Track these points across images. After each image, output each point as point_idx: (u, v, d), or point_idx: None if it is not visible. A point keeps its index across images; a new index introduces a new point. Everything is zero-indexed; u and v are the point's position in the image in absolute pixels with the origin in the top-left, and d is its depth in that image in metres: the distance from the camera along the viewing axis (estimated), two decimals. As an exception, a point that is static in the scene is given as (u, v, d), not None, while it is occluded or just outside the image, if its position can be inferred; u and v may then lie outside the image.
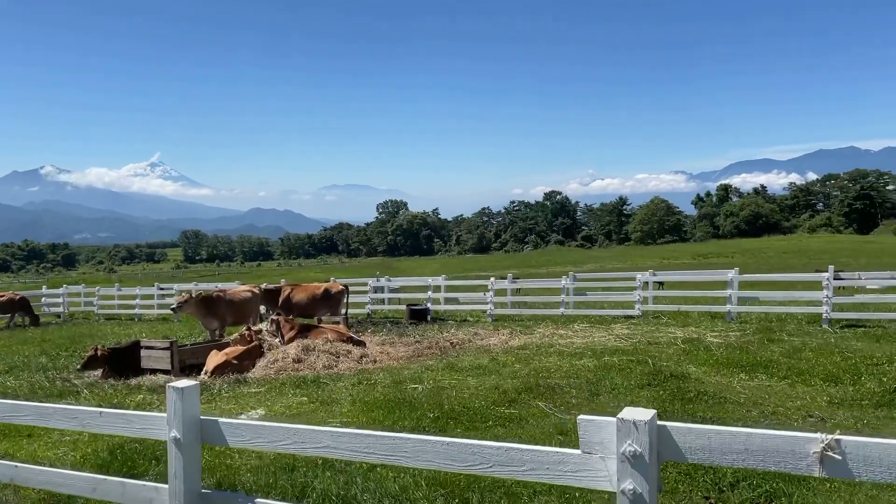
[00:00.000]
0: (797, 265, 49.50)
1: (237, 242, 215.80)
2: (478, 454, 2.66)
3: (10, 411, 4.04)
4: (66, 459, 6.65)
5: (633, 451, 2.24)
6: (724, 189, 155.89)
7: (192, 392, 3.34)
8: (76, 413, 3.82)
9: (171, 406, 3.32)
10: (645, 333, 14.31)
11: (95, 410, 3.74)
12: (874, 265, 36.67)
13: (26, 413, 3.98)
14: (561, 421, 7.77)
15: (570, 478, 2.45)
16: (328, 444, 3.01)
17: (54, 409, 3.89)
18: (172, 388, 3.32)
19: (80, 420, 3.78)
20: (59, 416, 3.86)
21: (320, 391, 10.07)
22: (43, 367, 13.94)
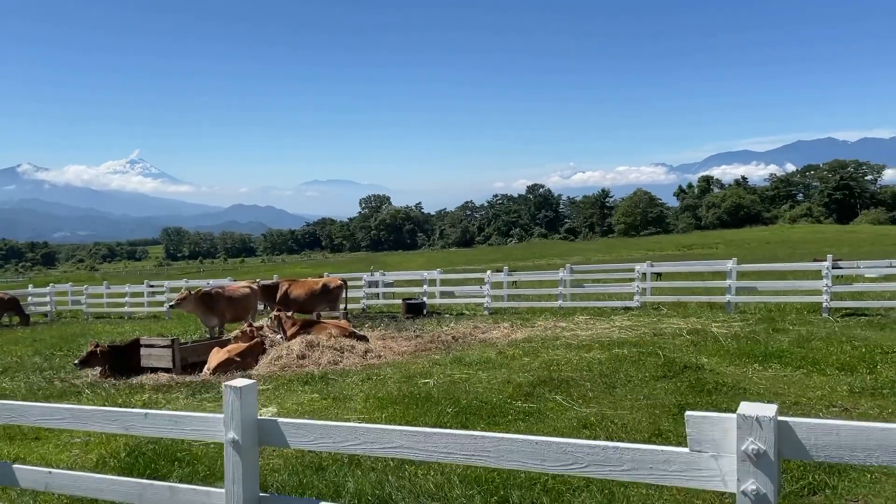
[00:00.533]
0: (782, 255, 49.95)
1: (219, 239, 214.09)
2: (571, 453, 2.53)
3: (44, 415, 3.85)
4: (82, 462, 6.45)
5: (757, 450, 2.12)
6: (705, 180, 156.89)
7: (249, 392, 3.18)
8: (117, 415, 3.64)
9: (228, 406, 3.16)
10: (648, 325, 14.29)
11: (139, 412, 3.56)
12: (857, 254, 37.05)
13: (61, 416, 3.80)
14: (582, 414, 7.68)
15: (676, 478, 2.33)
16: (401, 444, 2.87)
17: (92, 412, 3.70)
18: (230, 388, 3.16)
19: (122, 422, 3.60)
20: (98, 419, 3.67)
21: (330, 387, 9.91)
22: (38, 367, 13.65)
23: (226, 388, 3.17)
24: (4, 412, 4.00)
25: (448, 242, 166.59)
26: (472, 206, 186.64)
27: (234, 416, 3.13)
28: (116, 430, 3.65)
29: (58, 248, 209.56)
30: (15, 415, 3.98)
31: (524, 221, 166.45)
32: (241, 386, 3.14)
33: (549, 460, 2.57)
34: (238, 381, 3.20)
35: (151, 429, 3.54)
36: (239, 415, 3.12)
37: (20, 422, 3.97)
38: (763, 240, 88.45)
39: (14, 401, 3.97)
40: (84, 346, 16.20)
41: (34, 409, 3.91)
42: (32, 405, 3.93)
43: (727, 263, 17.11)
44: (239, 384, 3.16)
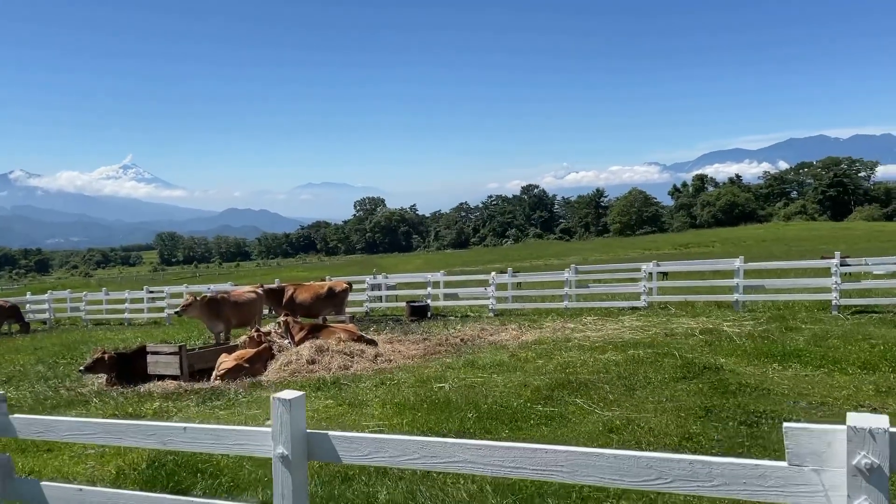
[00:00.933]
0: (778, 253, 49.99)
1: (214, 243, 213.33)
2: (654, 468, 2.39)
3: (73, 429, 3.69)
4: (100, 475, 6.28)
5: (870, 464, 1.99)
6: (700, 179, 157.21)
7: (299, 404, 3.03)
8: (154, 430, 3.48)
9: (277, 419, 3.01)
10: (658, 325, 14.18)
11: (178, 426, 3.41)
12: (854, 251, 37.04)
13: (92, 431, 3.64)
14: (605, 418, 7.55)
15: (773, 494, 2.19)
16: (465, 458, 2.72)
17: (126, 426, 3.55)
18: (279, 400, 3.01)
19: (159, 437, 3.45)
20: (133, 434, 3.52)
21: (344, 393, 9.76)
22: (42, 376, 13.45)
23: (274, 401, 3.02)
24: (32, 427, 3.85)
25: (443, 244, 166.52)
26: (467, 208, 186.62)
27: (284, 430, 2.98)
28: (153, 445, 3.50)
29: (51, 255, 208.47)
30: (43, 429, 3.83)
31: (519, 222, 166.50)
32: (290, 398, 2.99)
33: (630, 476, 2.42)
34: (287, 393, 3.05)
35: (191, 444, 3.39)
36: (289, 428, 2.97)
37: (48, 437, 3.82)
38: (759, 238, 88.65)
39: (40, 415, 3.81)
40: (86, 354, 16.00)
41: (63, 424, 3.75)
42: (61, 419, 3.77)
43: (734, 262, 17.03)
44: (288, 396, 3.01)
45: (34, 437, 3.93)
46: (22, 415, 3.97)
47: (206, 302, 14.30)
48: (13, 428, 3.94)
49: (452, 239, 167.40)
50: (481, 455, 2.69)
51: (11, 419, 3.94)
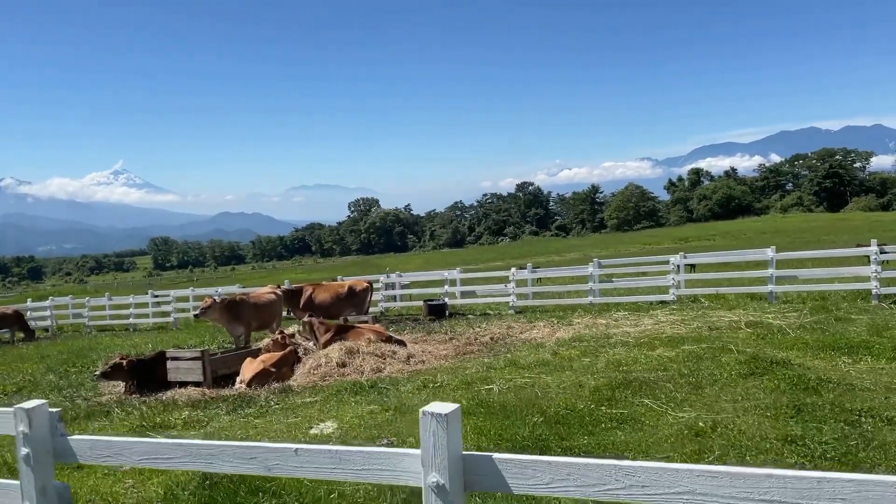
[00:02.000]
0: (782, 244, 49.60)
1: (208, 247, 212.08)
2: None
3: (151, 453, 3.07)
4: (145, 497, 5.66)
5: None
6: (695, 173, 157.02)
7: (455, 419, 2.44)
8: (254, 451, 2.87)
9: (429, 438, 2.41)
10: (696, 318, 13.62)
11: (287, 447, 2.79)
12: (858, 241, 36.60)
13: (174, 453, 3.03)
14: (681, 419, 6.97)
15: None
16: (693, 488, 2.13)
17: (220, 448, 2.94)
18: (432, 415, 2.41)
19: (262, 461, 2.84)
20: (228, 457, 2.91)
21: (385, 397, 9.16)
22: (55, 385, 12.81)
23: (425, 416, 2.42)
24: (98, 450, 3.24)
25: (439, 243, 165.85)
26: (462, 206, 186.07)
27: (438, 453, 2.39)
28: (255, 470, 2.88)
29: (44, 262, 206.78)
30: (110, 453, 3.22)
31: (515, 220, 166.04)
32: (446, 412, 2.40)
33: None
34: (438, 406, 2.46)
35: (304, 469, 2.78)
36: (445, 451, 2.38)
37: (120, 461, 3.21)
38: (758, 230, 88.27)
39: (110, 435, 3.19)
40: (97, 361, 15.37)
41: (138, 446, 3.14)
42: (135, 441, 3.16)
43: (767, 252, 16.50)
44: (442, 409, 2.41)
45: (100, 463, 3.31)
46: (84, 435, 3.36)
47: (227, 304, 13.66)
48: (73, 451, 3.33)
49: (448, 238, 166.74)
50: (718, 485, 2.09)
51: (71, 441, 3.33)
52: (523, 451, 6.19)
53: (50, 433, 3.38)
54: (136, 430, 8.58)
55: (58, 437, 3.37)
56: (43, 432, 3.35)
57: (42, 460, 3.35)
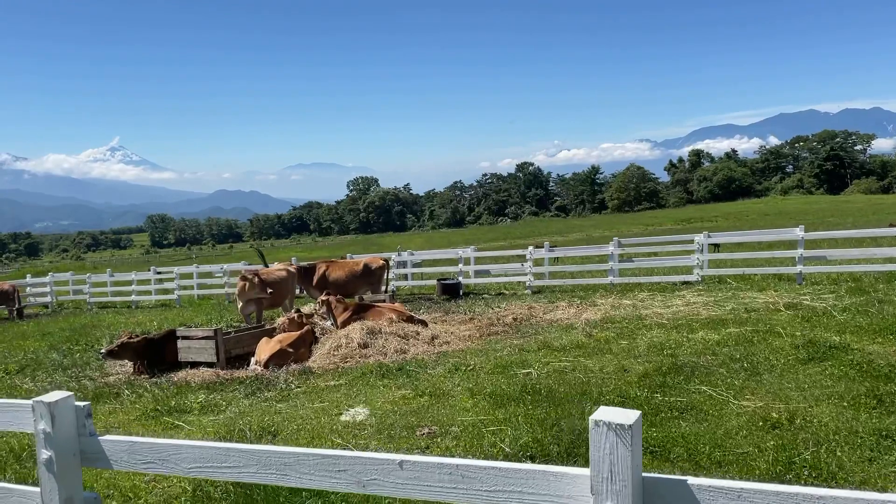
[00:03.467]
0: (785, 225, 49.00)
1: (205, 225, 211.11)
2: None
3: (208, 459, 2.47)
4: (172, 493, 5.08)
5: None
6: (696, 154, 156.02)
7: (638, 432, 1.83)
8: (343, 462, 2.26)
9: (603, 458, 1.81)
10: (728, 300, 13.04)
11: (387, 459, 2.19)
12: (861, 223, 36.07)
13: (237, 461, 2.42)
14: (747, 408, 6.41)
15: None
16: None
17: (298, 457, 2.33)
18: (609, 426, 1.80)
19: (353, 475, 2.23)
20: (308, 469, 2.30)
21: (416, 381, 8.58)
22: (58, 364, 12.21)
23: (598, 427, 1.81)
24: (137, 454, 2.62)
25: (438, 223, 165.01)
26: (461, 186, 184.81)
27: (618, 476, 1.79)
28: (343, 486, 2.26)
29: (41, 239, 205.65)
30: (159, 458, 2.60)
31: (515, 200, 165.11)
32: (629, 423, 1.78)
33: None
34: (614, 413, 1.84)
35: (412, 488, 2.17)
36: (628, 474, 1.77)
37: (167, 469, 2.60)
38: (760, 212, 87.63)
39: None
40: (102, 339, 14.78)
41: (191, 451, 2.52)
42: (188, 444, 2.54)
43: (795, 231, 15.88)
44: (622, 418, 1.80)
45: (140, 470, 2.70)
46: (119, 436, 2.75)
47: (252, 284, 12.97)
48: (105, 455, 2.72)
49: (448, 218, 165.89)
50: None
51: (103, 442, 2.72)
52: (587, 444, 5.61)
53: (77, 432, 2.77)
54: (150, 414, 8.00)
55: (86, 438, 2.77)
56: (69, 431, 2.75)
57: (68, 466, 2.75)
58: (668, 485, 1.81)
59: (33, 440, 6.64)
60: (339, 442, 6.23)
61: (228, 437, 6.59)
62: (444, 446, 6.03)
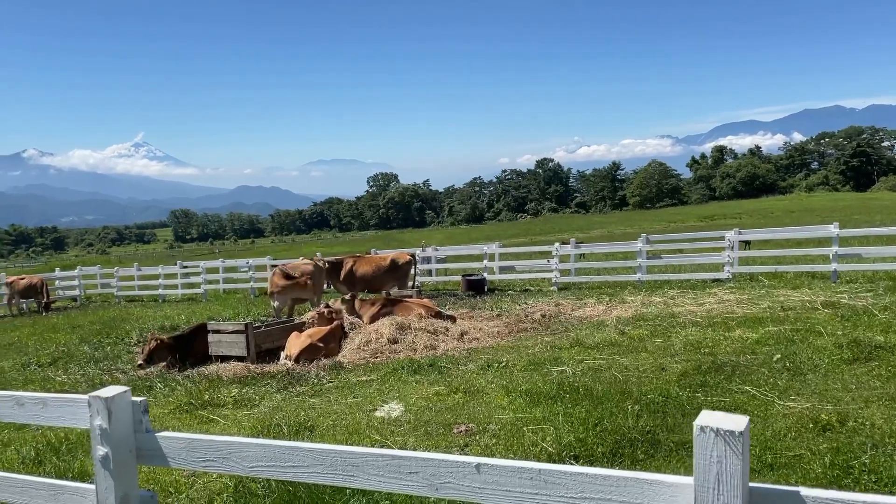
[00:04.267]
0: (811, 223, 48.24)
1: (227, 220, 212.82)
2: None
3: (271, 458, 2.39)
4: (213, 489, 5.03)
5: None
6: (719, 150, 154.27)
7: (747, 439, 1.71)
8: (414, 464, 2.15)
9: (710, 466, 1.69)
10: (762, 297, 12.79)
11: (463, 461, 2.08)
12: (890, 221, 35.32)
13: (302, 461, 2.34)
14: (797, 410, 6.22)
15: None
16: None
17: (365, 458, 2.23)
18: (717, 433, 1.67)
19: (425, 477, 2.12)
20: (377, 470, 2.20)
21: (448, 377, 8.49)
22: (90, 357, 12.29)
23: (704, 433, 1.69)
24: (201, 452, 2.55)
25: (458, 219, 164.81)
26: (481, 182, 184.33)
27: (726, 488, 1.67)
28: (413, 489, 2.17)
29: (66, 233, 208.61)
30: (218, 456, 2.53)
31: (534, 196, 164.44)
32: (738, 429, 1.66)
33: None
34: (722, 419, 1.72)
35: (490, 493, 2.06)
36: (737, 484, 1.65)
37: (227, 468, 2.52)
38: (785, 209, 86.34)
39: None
40: (131, 332, 14.90)
41: (254, 449, 2.44)
42: (250, 442, 2.47)
43: (830, 229, 15.57)
44: (731, 424, 1.68)
45: (199, 468, 2.63)
46: (177, 432, 2.68)
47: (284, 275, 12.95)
48: (162, 452, 2.66)
49: (467, 214, 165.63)
50: None
51: (160, 439, 2.66)
52: (632, 444, 5.50)
53: (133, 428, 2.71)
54: (185, 407, 7.98)
55: (143, 434, 2.70)
56: (125, 428, 2.69)
57: (124, 463, 2.69)
58: (780, 496, 1.69)
59: (70, 434, 6.65)
60: (377, 438, 6.15)
61: (265, 432, 6.55)
62: (484, 444, 5.93)
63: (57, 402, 2.92)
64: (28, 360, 12.41)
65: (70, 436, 6.72)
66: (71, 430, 6.64)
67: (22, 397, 3.01)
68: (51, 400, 2.95)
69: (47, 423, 3.00)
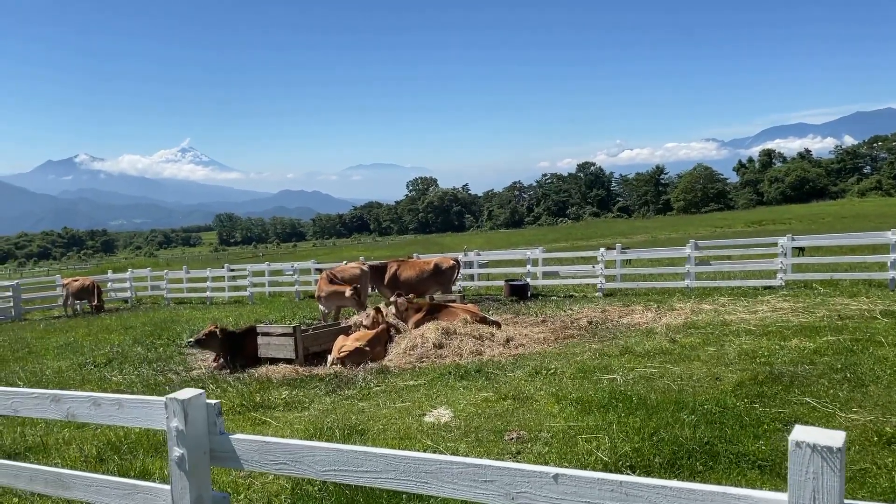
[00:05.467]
0: (864, 228, 46.76)
1: (270, 224, 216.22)
2: None
3: (349, 463, 2.41)
4: (269, 490, 5.10)
5: None
6: (767, 154, 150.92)
7: (842, 455, 1.66)
8: (490, 472, 2.14)
9: (806, 482, 1.64)
10: (817, 305, 12.46)
11: (541, 471, 2.07)
12: None
13: (374, 466, 2.35)
14: (860, 422, 6.04)
15: None
16: None
17: (440, 465, 2.23)
18: (814, 449, 1.61)
19: (501, 486, 2.11)
20: (451, 478, 2.19)
21: (496, 384, 8.46)
22: (144, 357, 12.59)
23: (800, 448, 1.65)
24: (274, 455, 2.58)
25: (497, 224, 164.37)
26: (520, 187, 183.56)
27: (821, 501, 1.62)
28: (487, 498, 2.17)
29: (116, 236, 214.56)
30: (291, 459, 2.56)
31: (575, 201, 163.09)
32: (836, 445, 1.62)
33: None
34: (818, 434, 1.68)
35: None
36: (836, 499, 1.61)
37: (299, 471, 2.56)
38: (836, 214, 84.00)
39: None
40: (182, 334, 15.21)
41: (325, 453, 2.47)
42: (322, 446, 2.50)
43: (888, 235, 15.09)
44: (828, 440, 1.64)
45: (271, 472, 2.67)
46: (251, 435, 2.72)
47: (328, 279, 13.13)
48: (235, 454, 2.70)
49: (506, 218, 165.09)
50: None
51: (234, 441, 2.70)
52: (690, 456, 5.40)
53: (208, 430, 2.76)
54: (237, 409, 8.13)
55: (217, 436, 2.75)
56: (200, 429, 2.74)
57: (199, 464, 2.74)
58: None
59: (130, 433, 6.81)
60: (429, 443, 6.16)
61: (317, 435, 6.62)
62: (536, 452, 5.89)
63: (133, 404, 3.00)
64: (84, 361, 12.77)
65: (130, 435, 6.89)
66: (131, 430, 6.80)
67: (99, 398, 3.10)
68: (127, 401, 3.03)
69: (123, 423, 3.08)
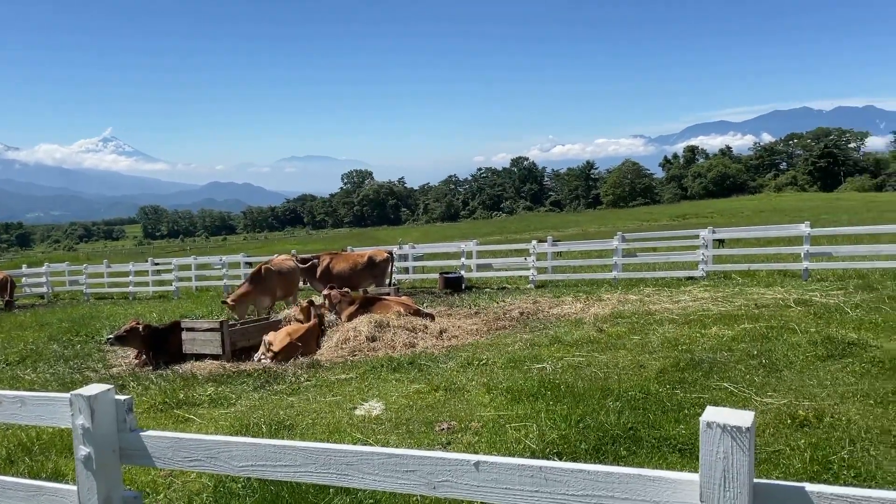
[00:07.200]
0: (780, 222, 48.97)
1: (198, 217, 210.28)
2: None
3: (269, 457, 2.33)
4: (190, 489, 4.93)
5: None
6: (690, 150, 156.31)
7: (752, 435, 1.69)
8: (411, 462, 2.11)
9: (716, 463, 1.65)
10: (736, 295, 12.96)
11: (460, 459, 2.04)
12: (857, 221, 36.00)
13: (294, 460, 2.28)
14: (775, 406, 6.31)
15: None
16: None
17: (361, 456, 2.17)
18: (724, 429, 1.62)
19: (423, 476, 2.09)
20: (373, 469, 2.15)
21: (428, 375, 8.45)
22: (60, 355, 12.02)
23: (711, 428, 1.68)
24: (188, 451, 2.48)
25: (433, 217, 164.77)
26: (456, 181, 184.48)
27: (731, 484, 1.67)
28: (410, 488, 2.13)
29: (32, 229, 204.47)
30: (207, 455, 2.46)
31: (509, 195, 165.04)
32: (745, 425, 1.65)
33: None
34: (729, 415, 1.71)
35: (488, 491, 2.03)
36: (744, 481, 1.65)
37: (215, 468, 2.46)
38: (756, 208, 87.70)
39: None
40: (101, 330, 14.63)
41: (243, 448, 2.38)
42: (239, 441, 2.41)
43: (801, 227, 15.84)
44: (737, 420, 1.67)
45: (187, 468, 2.56)
46: (162, 432, 2.61)
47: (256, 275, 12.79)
48: (147, 452, 2.59)
49: (442, 212, 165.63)
50: None
51: (146, 438, 2.58)
52: (615, 441, 5.52)
53: (117, 427, 2.63)
54: (159, 406, 7.85)
55: (127, 433, 2.62)
56: (109, 427, 2.61)
57: (107, 463, 2.61)
58: (785, 492, 1.69)
59: (43, 433, 6.49)
60: (359, 437, 6.10)
61: (243, 431, 6.45)
62: (466, 442, 5.91)
63: (36, 401, 2.83)
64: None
65: (42, 435, 6.56)
66: (43, 430, 6.48)
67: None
68: (29, 398, 2.86)
69: (26, 421, 2.91)
